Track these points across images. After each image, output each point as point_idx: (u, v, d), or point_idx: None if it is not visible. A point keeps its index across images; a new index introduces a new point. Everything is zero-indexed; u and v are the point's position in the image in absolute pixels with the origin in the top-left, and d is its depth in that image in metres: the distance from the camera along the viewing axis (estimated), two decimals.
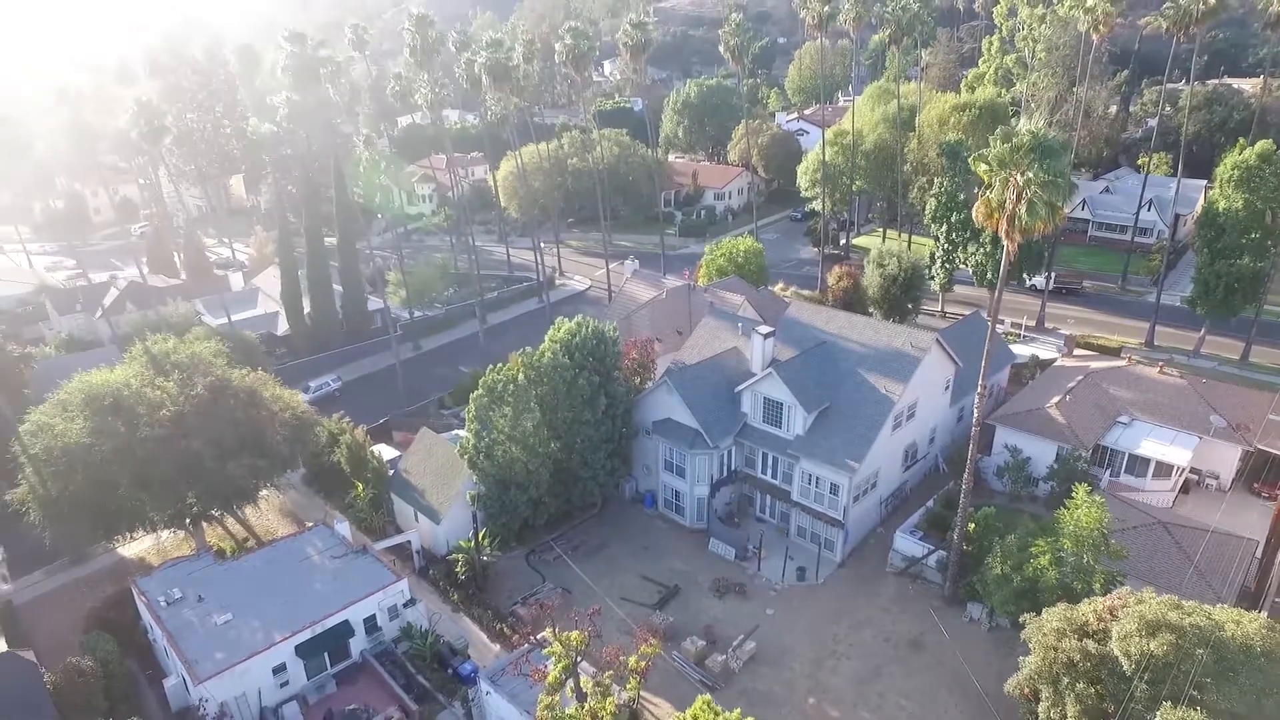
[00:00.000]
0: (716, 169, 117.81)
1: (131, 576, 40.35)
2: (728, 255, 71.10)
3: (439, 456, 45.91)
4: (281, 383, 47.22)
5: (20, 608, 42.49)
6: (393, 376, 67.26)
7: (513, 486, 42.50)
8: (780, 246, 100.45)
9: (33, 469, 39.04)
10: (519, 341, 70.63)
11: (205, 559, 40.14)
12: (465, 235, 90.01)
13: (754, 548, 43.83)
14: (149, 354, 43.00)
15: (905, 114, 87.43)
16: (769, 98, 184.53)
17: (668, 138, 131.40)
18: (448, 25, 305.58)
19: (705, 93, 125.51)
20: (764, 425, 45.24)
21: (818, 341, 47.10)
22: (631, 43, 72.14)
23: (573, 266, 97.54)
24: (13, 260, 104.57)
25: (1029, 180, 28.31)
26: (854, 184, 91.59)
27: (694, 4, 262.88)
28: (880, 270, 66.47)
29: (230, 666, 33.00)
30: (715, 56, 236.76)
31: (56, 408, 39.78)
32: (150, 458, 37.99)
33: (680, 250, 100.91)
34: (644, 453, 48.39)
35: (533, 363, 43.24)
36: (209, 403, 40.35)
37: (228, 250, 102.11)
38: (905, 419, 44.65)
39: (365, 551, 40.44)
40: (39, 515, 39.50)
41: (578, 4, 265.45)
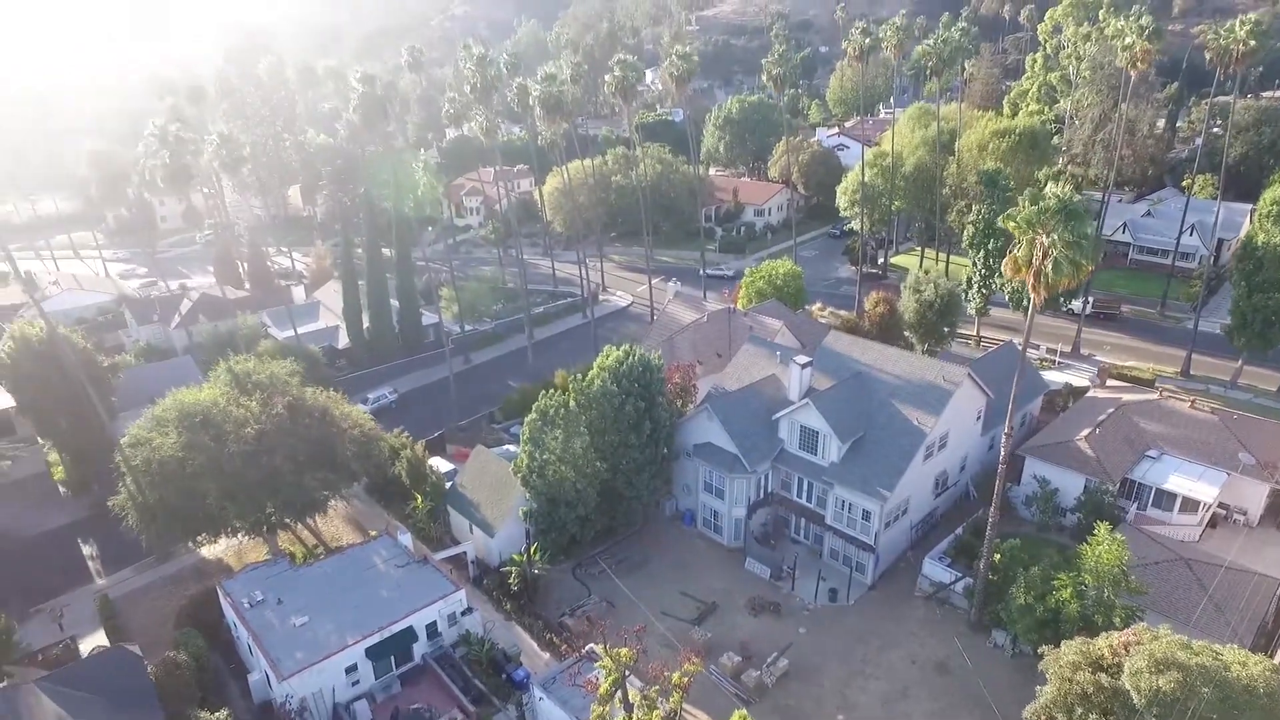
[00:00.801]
0: (757, 185, 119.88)
1: (217, 579, 44.16)
2: (767, 278, 73.27)
3: (493, 473, 49.10)
4: (344, 395, 50.97)
5: (116, 601, 46.63)
6: (445, 389, 70.80)
7: (562, 504, 45.47)
8: (818, 264, 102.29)
9: (132, 478, 43.06)
10: (564, 358, 74.29)
11: (282, 564, 43.80)
12: (512, 249, 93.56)
13: (788, 568, 46.19)
14: (232, 373, 46.86)
15: (945, 137, 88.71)
16: (809, 109, 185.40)
17: (709, 152, 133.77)
18: (493, 32, 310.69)
19: (747, 109, 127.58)
20: (800, 451, 47.59)
21: (853, 372, 49.25)
22: (677, 73, 74.78)
23: (615, 282, 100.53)
24: (90, 267, 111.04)
25: (1054, 241, 30.32)
26: (893, 204, 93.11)
27: (736, 12, 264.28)
28: (917, 296, 68.01)
29: (310, 666, 36.45)
30: (757, 65, 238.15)
31: (152, 422, 43.76)
32: (236, 471, 41.71)
33: (720, 267, 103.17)
34: (684, 473, 51.01)
35: (583, 389, 46.15)
36: (287, 420, 44.02)
37: (287, 260, 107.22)
38: (936, 449, 46.61)
39: (426, 562, 43.71)
40: (136, 520, 43.54)
41: (620, 13, 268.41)
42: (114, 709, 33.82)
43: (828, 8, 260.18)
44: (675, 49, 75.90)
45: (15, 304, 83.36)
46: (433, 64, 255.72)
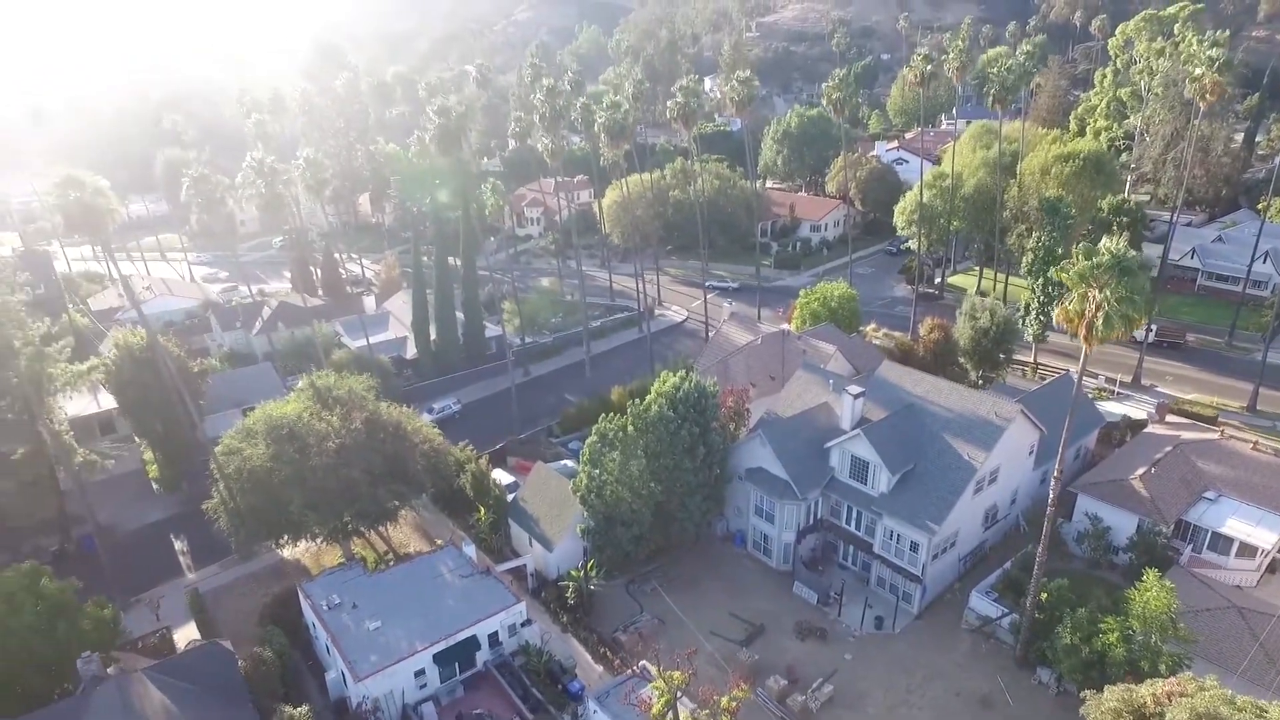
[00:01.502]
0: (814, 201, 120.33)
1: (297, 580, 47.54)
2: (821, 300, 74.26)
3: (553, 490, 51.52)
4: (410, 406, 53.88)
5: (205, 595, 50.50)
6: (506, 400, 73.66)
7: (618, 523, 47.58)
8: (874, 282, 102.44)
9: (224, 485, 46.70)
10: (621, 373, 76.48)
11: (356, 569, 46.89)
12: (571, 259, 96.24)
13: (835, 594, 47.44)
14: (314, 388, 50.24)
15: (1007, 159, 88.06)
16: (869, 119, 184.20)
17: (766, 165, 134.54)
18: (554, 37, 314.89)
19: (806, 123, 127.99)
20: (850, 480, 48.76)
21: (905, 403, 50.15)
22: (738, 98, 76.22)
23: (670, 295, 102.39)
24: (175, 270, 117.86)
25: (1107, 296, 31.07)
26: (951, 225, 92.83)
27: (797, 19, 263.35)
28: (972, 323, 68.17)
29: (384, 668, 39.30)
30: (817, 73, 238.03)
31: (243, 433, 47.37)
32: (318, 483, 44.92)
33: (775, 282, 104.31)
34: (736, 495, 52.59)
35: (640, 413, 48.17)
36: (364, 435, 47.15)
37: (358, 267, 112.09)
38: (987, 483, 47.24)
39: (488, 573, 46.28)
40: (226, 522, 47.21)
41: (680, 20, 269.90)
42: (209, 700, 37.13)
43: (891, 14, 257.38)
44: (736, 74, 77.24)
45: (112, 307, 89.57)
46: (496, 70, 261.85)
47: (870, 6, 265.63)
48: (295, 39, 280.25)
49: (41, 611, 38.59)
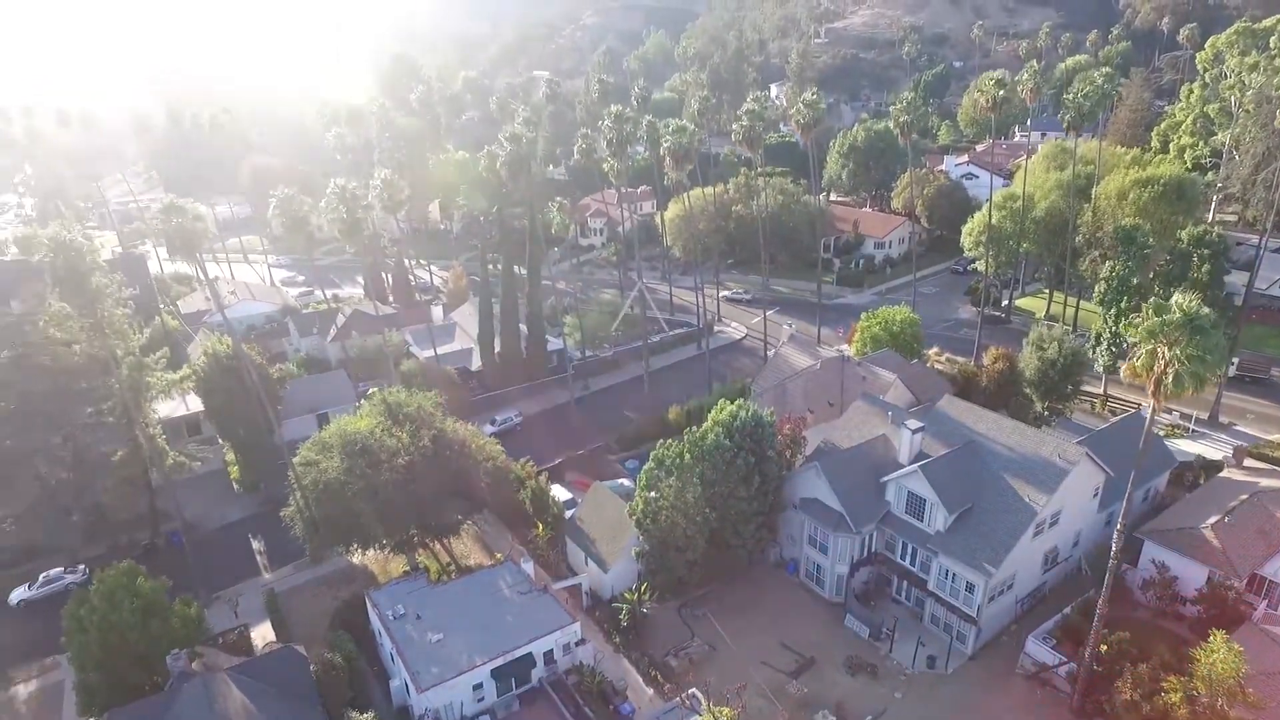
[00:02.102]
0: (878, 217, 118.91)
1: (365, 586, 49.94)
2: (883, 324, 73.63)
3: (610, 511, 52.77)
4: (473, 420, 55.73)
5: (280, 595, 53.39)
6: (566, 414, 75.51)
7: (672, 548, 48.49)
8: (938, 303, 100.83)
9: (301, 494, 49.40)
10: (679, 391, 77.37)
11: (420, 580, 48.98)
12: (632, 270, 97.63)
13: (888, 630, 47.40)
14: (386, 404, 52.60)
15: (1081, 181, 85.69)
16: (939, 129, 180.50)
17: (830, 179, 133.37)
18: (621, 41, 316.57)
19: (872, 137, 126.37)
20: (906, 516, 48.62)
21: (965, 440, 49.68)
22: (804, 121, 76.16)
23: (730, 311, 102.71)
24: (256, 271, 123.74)
25: (1177, 355, 30.52)
26: (1021, 247, 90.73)
27: (867, 25, 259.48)
28: (1039, 353, 66.68)
29: (444, 681, 41.15)
30: (886, 80, 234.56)
31: (319, 446, 49.98)
32: (387, 497, 47.19)
33: (836, 300, 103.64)
34: (790, 523, 52.91)
35: (697, 441, 48.99)
36: (431, 452, 49.25)
37: (426, 274, 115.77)
38: (1047, 526, 46.48)
39: (546, 591, 47.80)
40: (302, 530, 49.93)
41: (747, 26, 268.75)
42: (283, 701, 39.51)
43: (965, 21, 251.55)
44: (803, 97, 77.09)
45: (200, 310, 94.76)
46: (563, 75, 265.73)
47: (943, 12, 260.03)
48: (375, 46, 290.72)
49: (137, 608, 41.57)
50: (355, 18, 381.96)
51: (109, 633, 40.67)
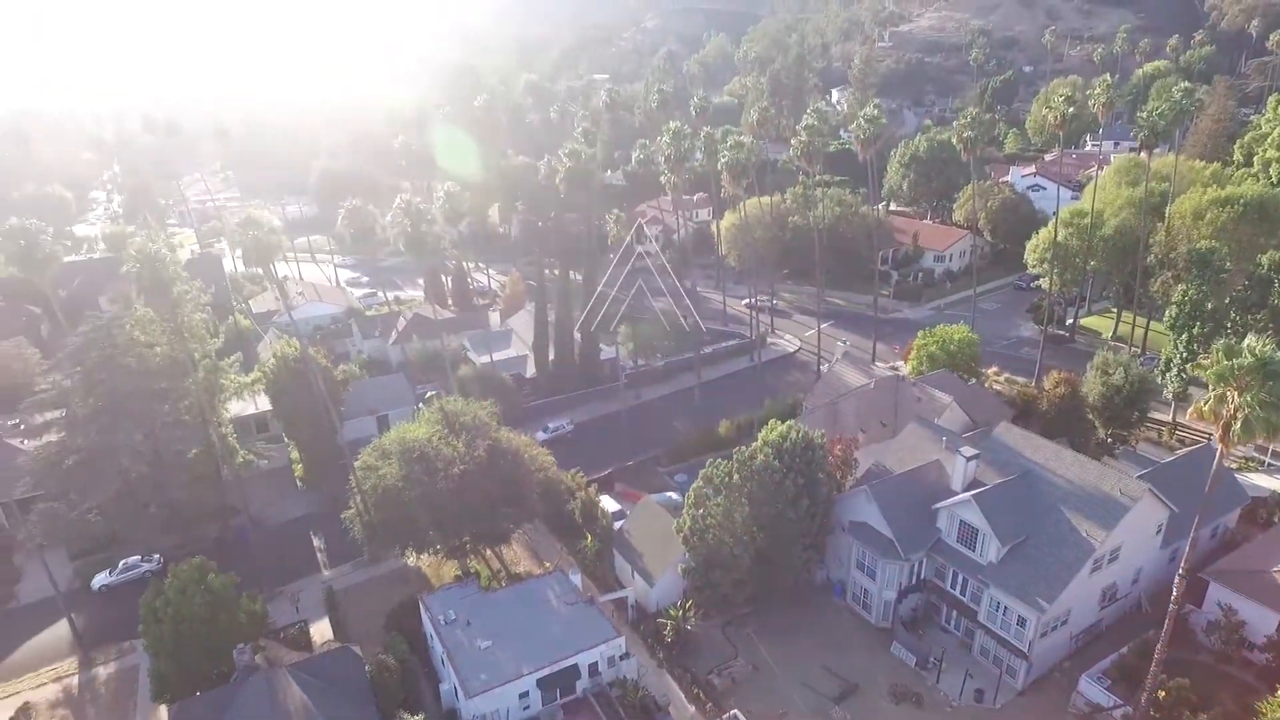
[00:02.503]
0: (939, 230, 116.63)
1: (419, 589, 51.58)
2: (940, 343, 72.43)
3: (657, 525, 53.35)
4: (524, 429, 56.71)
5: (338, 593, 55.50)
6: (617, 423, 76.35)
7: (718, 567, 48.81)
8: (999, 319, 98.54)
9: (361, 498, 51.31)
10: (730, 404, 77.46)
11: (472, 587, 50.31)
12: (687, 280, 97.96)
13: (935, 659, 46.85)
14: (444, 412, 54.18)
15: (1155, 199, 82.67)
16: (1006, 137, 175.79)
17: (891, 189, 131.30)
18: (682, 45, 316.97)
19: (935, 147, 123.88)
20: (957, 545, 47.95)
21: (1022, 470, 48.72)
22: (864, 136, 75.37)
23: (783, 323, 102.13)
24: (323, 271, 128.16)
25: (1248, 400, 29.54)
26: (1088, 265, 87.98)
27: (934, 28, 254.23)
28: (1104, 378, 64.87)
29: (492, 688, 42.30)
30: (951, 85, 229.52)
31: (379, 452, 51.80)
32: (443, 505, 48.64)
33: (892, 314, 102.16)
34: (838, 546, 52.66)
35: (745, 461, 49.16)
36: (486, 463, 50.51)
37: (484, 277, 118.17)
38: (1106, 562, 45.30)
39: (592, 603, 48.60)
40: (360, 532, 51.84)
41: (810, 29, 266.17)
42: (339, 700, 41.19)
43: (1037, 23, 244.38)
44: (863, 112, 76.28)
45: (270, 310, 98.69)
46: (623, 79, 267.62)
47: (1013, 15, 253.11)
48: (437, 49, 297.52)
49: (207, 602, 43.85)
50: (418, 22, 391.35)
51: (181, 624, 42.96)
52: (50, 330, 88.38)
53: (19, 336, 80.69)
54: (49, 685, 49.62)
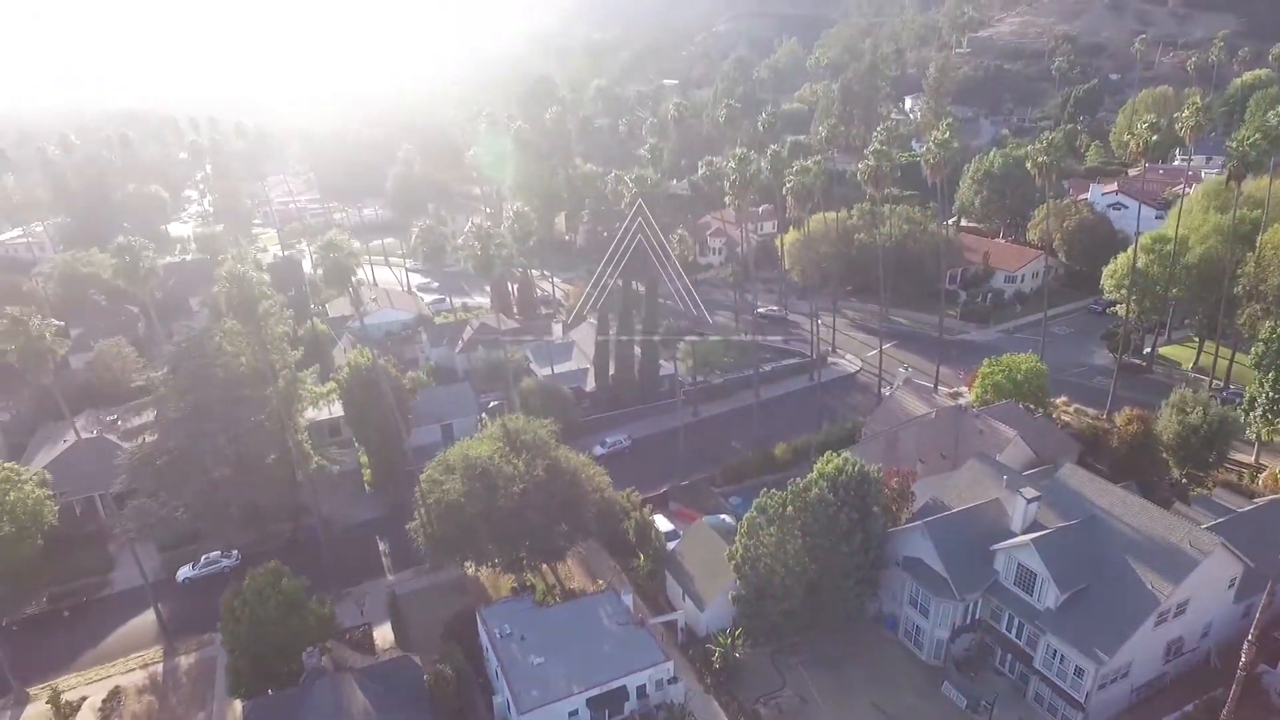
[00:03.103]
0: (1011, 249, 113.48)
1: (478, 602, 53.50)
2: (1006, 372, 70.79)
3: (710, 550, 53.98)
4: (582, 446, 57.70)
5: (400, 598, 57.92)
6: (674, 440, 76.85)
7: (769, 597, 49.14)
8: (1071, 345, 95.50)
9: (425, 511, 53.49)
10: (788, 425, 77.42)
11: (527, 601, 51.91)
12: (749, 294, 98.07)
13: (987, 703, 46.19)
14: (506, 430, 55.98)
15: (1246, 227, 78.86)
16: (1088, 150, 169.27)
17: (962, 205, 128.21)
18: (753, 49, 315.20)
19: (1010, 164, 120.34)
20: (1014, 588, 47.14)
21: (1086, 514, 47.58)
22: (933, 160, 74.13)
23: (845, 341, 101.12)
24: (395, 275, 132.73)
25: None
26: (1169, 293, 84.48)
27: (1015, 34, 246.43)
28: (1180, 416, 62.52)
29: (544, 705, 43.74)
30: (1031, 94, 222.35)
31: (443, 467, 53.89)
32: (502, 522, 50.37)
33: (959, 335, 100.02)
34: (891, 580, 52.30)
35: (799, 493, 49.34)
36: (545, 482, 52.06)
37: (550, 285, 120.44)
38: (1172, 615, 43.93)
39: (643, 624, 49.60)
40: (423, 543, 54.05)
41: (885, 35, 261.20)
42: (399, 707, 43.26)
43: (1126, 29, 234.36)
44: (934, 135, 74.98)
45: (345, 315, 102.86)
46: (692, 83, 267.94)
47: (1101, 19, 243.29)
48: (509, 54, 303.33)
49: (280, 605, 46.54)
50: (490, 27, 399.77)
51: (256, 625, 45.73)
52: (146, 329, 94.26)
53: (118, 336, 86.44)
54: (136, 671, 53.36)
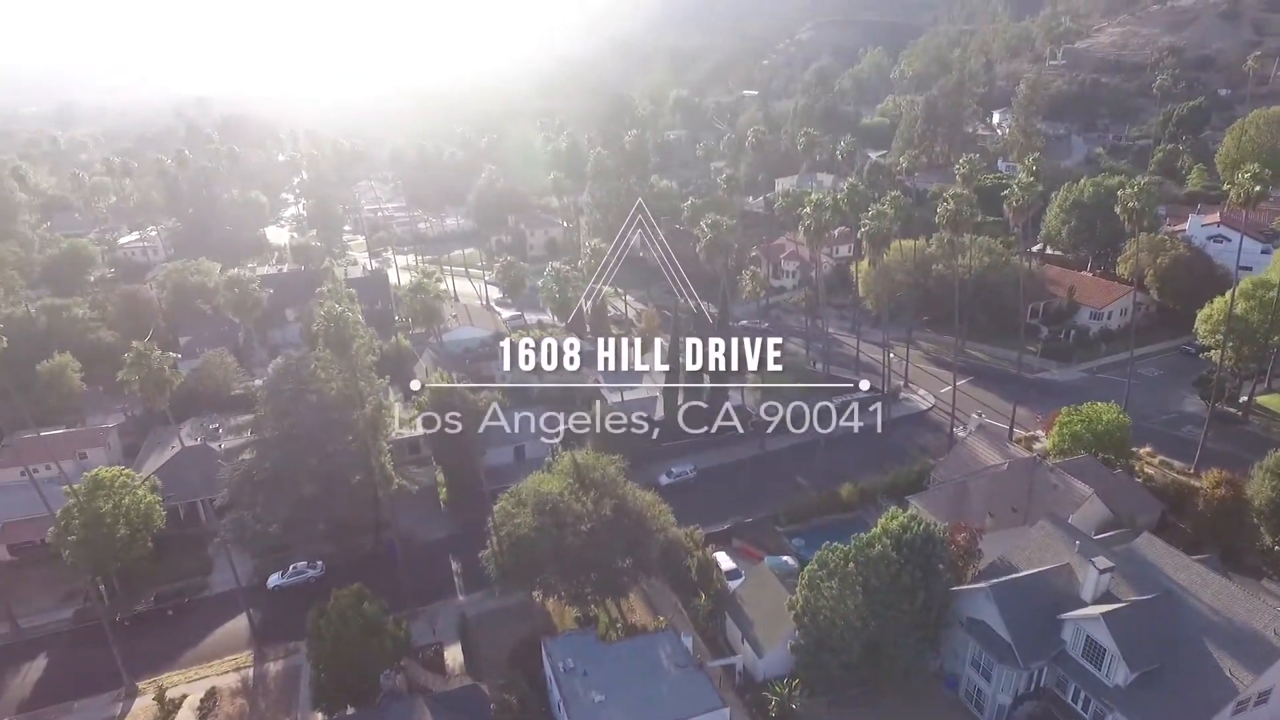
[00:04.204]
0: (1098, 284, 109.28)
1: (544, 637, 55.51)
2: (1087, 423, 68.83)
3: (771, 596, 54.70)
4: (646, 466, 58.33)
5: (470, 619, 60.68)
6: (739, 472, 77.85)
7: (828, 649, 49.62)
8: (1159, 389, 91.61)
9: (497, 542, 55.99)
10: (854, 463, 77.20)
11: (590, 635, 53.71)
12: (820, 319, 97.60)
13: None
14: (576, 465, 57.97)
15: None
16: (1190, 173, 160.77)
17: (1048, 234, 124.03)
18: (836, 58, 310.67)
19: (1102, 194, 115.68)
20: (1082, 660, 46.31)
21: (1162, 589, 46.37)
22: (1017, 204, 72.50)
23: (918, 375, 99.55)
24: (475, 287, 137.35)
25: None
26: (1271, 340, 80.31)
27: (1115, 45, 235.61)
28: (1275, 483, 59.65)
29: None
30: (1129, 110, 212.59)
31: (515, 500, 56.29)
32: (569, 558, 52.34)
33: (1038, 373, 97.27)
34: (953, 638, 51.96)
35: (862, 548, 49.61)
36: (612, 520, 53.79)
37: (622, 304, 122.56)
38: (1252, 705, 42.49)
39: (701, 668, 50.69)
40: (494, 573, 56.56)
41: (974, 46, 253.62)
42: None
43: (1240, 40, 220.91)
44: (1019, 177, 73.38)
45: (422, 331, 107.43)
46: (773, 94, 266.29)
47: (1212, 30, 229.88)
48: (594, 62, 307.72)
49: (361, 627, 49.69)
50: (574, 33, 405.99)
51: (338, 644, 48.93)
52: (245, 338, 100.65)
53: (222, 347, 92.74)
54: (230, 674, 57.65)
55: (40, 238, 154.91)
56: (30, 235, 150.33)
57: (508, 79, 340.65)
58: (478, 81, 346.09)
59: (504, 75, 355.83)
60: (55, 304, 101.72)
